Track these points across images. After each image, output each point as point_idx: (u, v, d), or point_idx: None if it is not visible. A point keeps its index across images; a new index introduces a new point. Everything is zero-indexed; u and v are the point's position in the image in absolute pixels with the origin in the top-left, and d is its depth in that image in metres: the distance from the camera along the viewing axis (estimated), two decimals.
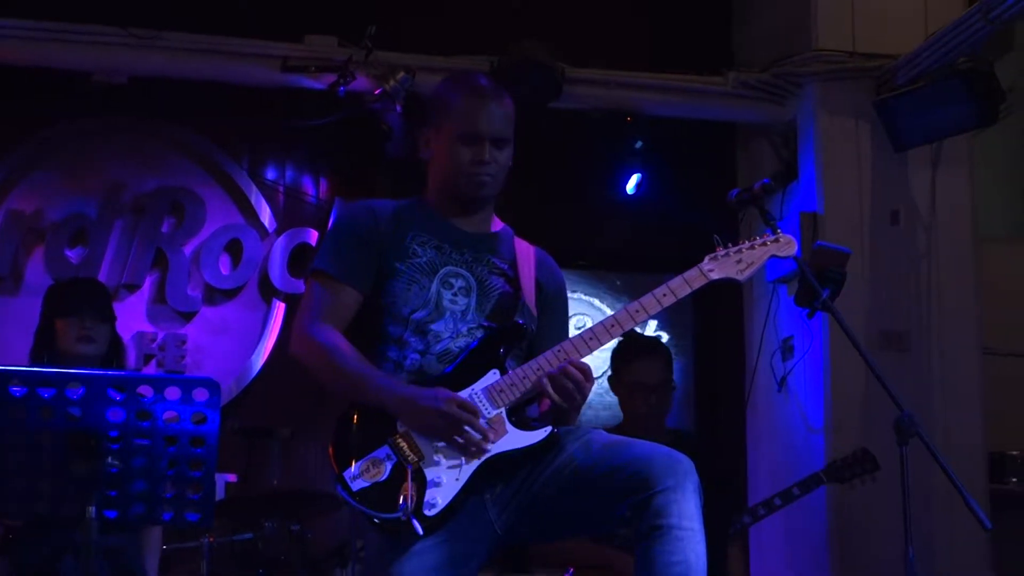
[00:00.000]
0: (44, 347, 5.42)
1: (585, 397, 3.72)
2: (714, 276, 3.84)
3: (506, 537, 3.75)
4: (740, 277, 3.88)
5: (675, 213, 8.09)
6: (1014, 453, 7.49)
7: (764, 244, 3.93)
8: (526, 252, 4.03)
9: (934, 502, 6.68)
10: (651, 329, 8.23)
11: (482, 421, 3.64)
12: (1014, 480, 7.43)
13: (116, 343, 5.53)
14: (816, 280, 4.78)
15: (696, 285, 3.82)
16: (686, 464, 3.53)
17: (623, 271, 8.36)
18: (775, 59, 7.64)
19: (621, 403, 6.13)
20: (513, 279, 3.93)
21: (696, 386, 8.39)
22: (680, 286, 3.80)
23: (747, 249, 3.90)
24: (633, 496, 3.49)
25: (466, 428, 3.61)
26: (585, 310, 8.00)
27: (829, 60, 7.42)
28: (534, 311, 3.91)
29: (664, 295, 3.79)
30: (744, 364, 8.04)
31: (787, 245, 3.97)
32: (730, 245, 3.89)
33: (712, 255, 3.87)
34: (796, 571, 7.38)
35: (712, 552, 3.53)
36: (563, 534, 4.02)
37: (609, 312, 8.13)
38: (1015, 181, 8.60)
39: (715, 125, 8.15)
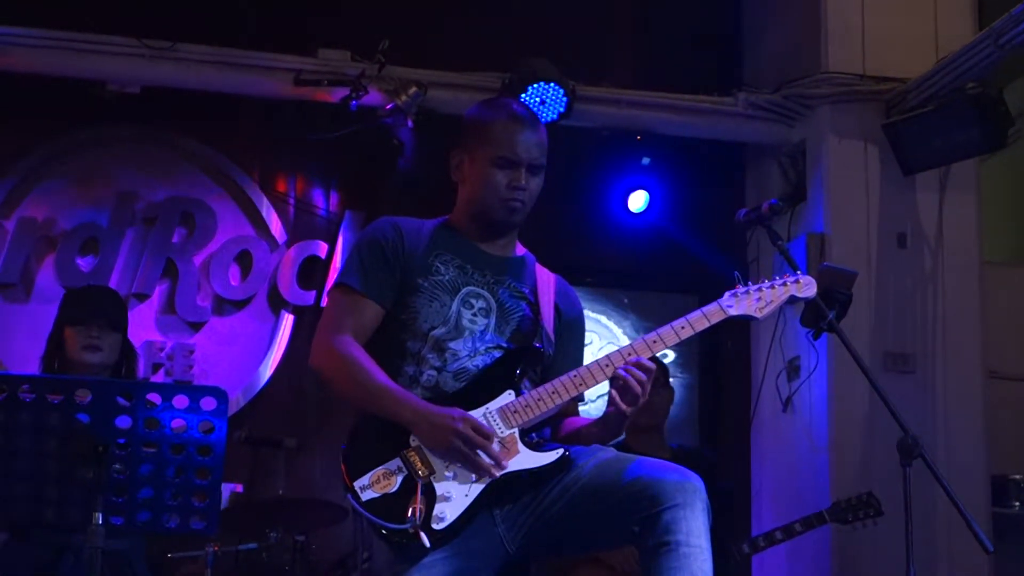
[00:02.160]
0: (54, 354, 5.38)
1: (644, 399, 3.74)
2: (733, 312, 3.88)
3: (517, 554, 3.76)
4: (759, 315, 3.91)
5: (684, 232, 8.12)
6: (1017, 477, 7.47)
7: (784, 284, 3.96)
8: (546, 279, 4.07)
9: (936, 524, 6.70)
10: None
11: (495, 443, 3.67)
12: (1016, 504, 7.42)
13: (127, 352, 5.50)
14: (822, 301, 4.80)
15: (715, 320, 3.85)
16: (696, 482, 3.55)
17: (630, 289, 8.37)
18: (785, 80, 7.67)
19: None
20: (533, 304, 3.96)
21: (701, 405, 8.39)
22: (699, 320, 3.83)
23: (767, 288, 3.93)
24: (642, 512, 3.51)
25: (478, 451, 3.63)
26: (592, 327, 7.99)
27: (839, 82, 7.44)
28: (552, 336, 3.94)
29: (683, 327, 3.82)
30: (750, 384, 8.06)
31: (807, 287, 3.99)
32: (750, 283, 3.93)
33: (732, 291, 3.90)
34: None
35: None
36: (573, 550, 4.03)
37: (616, 330, 8.22)
38: (1022, 206, 8.62)
39: (724, 145, 8.17)
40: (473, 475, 3.65)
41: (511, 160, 3.90)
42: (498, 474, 3.65)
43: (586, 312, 4.22)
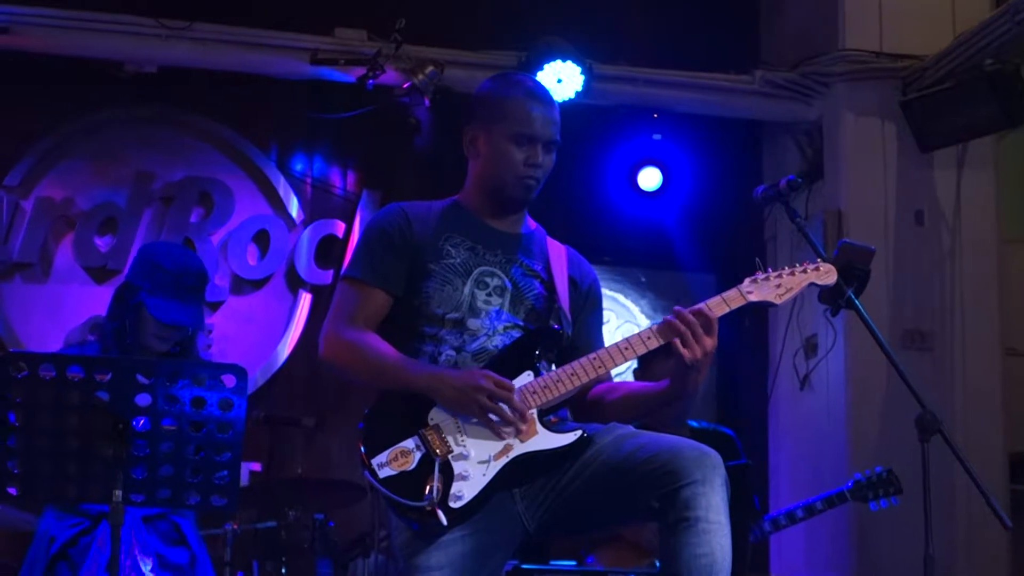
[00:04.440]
0: (126, 313, 4.92)
1: (708, 357, 3.73)
2: (752, 298, 3.85)
3: (536, 532, 3.75)
4: (777, 301, 3.89)
5: (700, 210, 8.13)
6: None
7: (804, 271, 3.93)
8: (558, 251, 4.05)
9: (955, 500, 6.70)
10: None
11: (516, 394, 3.64)
12: None
13: (189, 340, 5.04)
14: (841, 277, 4.78)
15: (734, 305, 3.83)
16: (715, 458, 3.53)
17: (647, 267, 8.36)
18: (802, 58, 7.66)
19: None
20: (547, 281, 3.94)
21: (719, 384, 8.39)
22: (718, 305, 3.81)
23: (787, 275, 3.90)
24: (662, 488, 3.49)
25: (502, 404, 3.62)
26: (609, 305, 8.02)
27: (856, 60, 7.44)
28: (568, 314, 3.92)
29: None
30: (767, 362, 8.06)
31: (827, 274, 3.97)
32: (770, 269, 3.90)
33: (752, 277, 3.87)
34: (816, 568, 7.39)
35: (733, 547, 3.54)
36: (593, 528, 4.01)
37: (633, 308, 8.22)
38: None
39: (741, 123, 8.17)
40: (491, 454, 3.63)
41: (530, 136, 3.88)
42: (515, 452, 3.65)
43: (604, 290, 4.21)
